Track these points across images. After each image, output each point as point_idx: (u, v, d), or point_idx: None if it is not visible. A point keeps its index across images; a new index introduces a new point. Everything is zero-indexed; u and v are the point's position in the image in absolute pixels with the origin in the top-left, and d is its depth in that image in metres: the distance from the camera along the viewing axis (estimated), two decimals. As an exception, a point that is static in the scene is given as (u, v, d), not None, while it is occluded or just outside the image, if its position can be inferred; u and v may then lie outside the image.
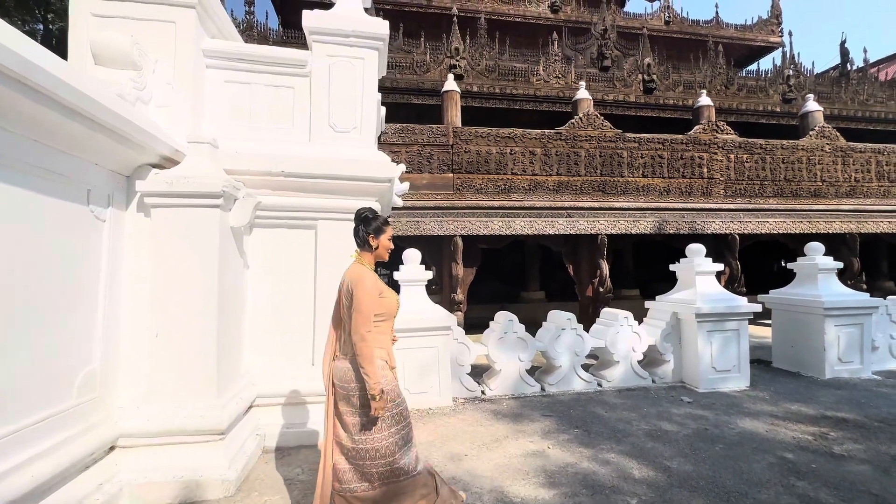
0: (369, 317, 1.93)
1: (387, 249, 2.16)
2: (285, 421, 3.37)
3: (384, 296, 2.06)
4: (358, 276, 2.00)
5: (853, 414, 3.81)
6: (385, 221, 2.16)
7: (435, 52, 8.52)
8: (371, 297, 1.95)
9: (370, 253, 2.13)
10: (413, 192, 6.27)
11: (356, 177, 3.52)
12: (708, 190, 7.18)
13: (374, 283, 2.02)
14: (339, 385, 2.02)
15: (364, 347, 1.89)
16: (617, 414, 3.88)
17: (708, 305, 4.58)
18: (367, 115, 3.75)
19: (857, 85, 10.56)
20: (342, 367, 2.03)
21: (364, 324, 1.91)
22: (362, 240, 2.10)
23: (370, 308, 1.94)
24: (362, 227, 2.10)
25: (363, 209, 2.14)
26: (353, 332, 1.92)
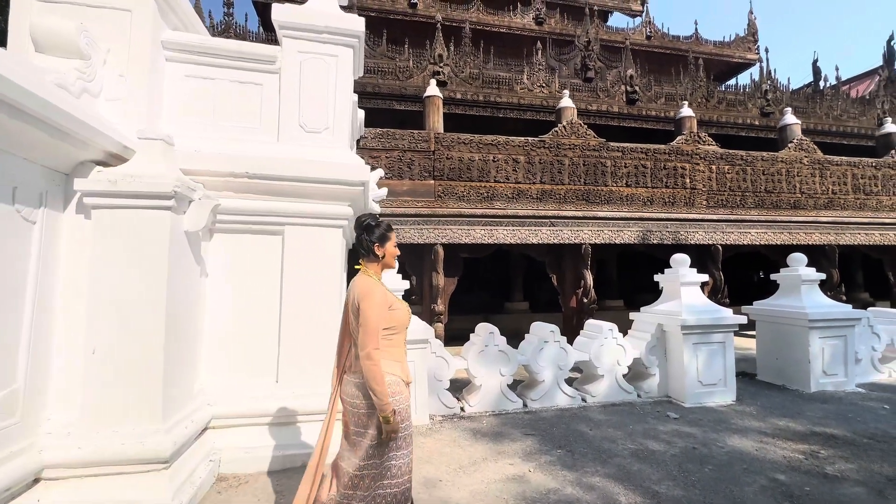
0: (376, 333, 1.81)
1: (394, 257, 2.05)
2: (245, 444, 3.08)
3: (394, 308, 1.92)
4: (365, 289, 1.87)
5: (841, 430, 3.70)
6: (389, 227, 2.03)
7: (418, 59, 8.41)
8: (379, 311, 1.83)
9: (376, 262, 2.00)
10: (393, 198, 6.07)
11: (327, 179, 3.30)
12: (691, 200, 7.16)
13: (383, 295, 1.89)
14: (347, 401, 1.90)
15: (371, 367, 1.76)
16: (602, 432, 3.70)
17: (693, 317, 4.47)
18: (340, 115, 3.55)
19: (831, 101, 10.83)
20: (353, 383, 1.90)
21: (371, 341, 1.79)
22: (367, 249, 1.98)
23: (377, 323, 1.82)
24: (365, 235, 1.97)
25: (364, 216, 2.02)
26: (360, 350, 1.80)
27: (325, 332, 3.35)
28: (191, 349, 2.97)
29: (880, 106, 11.06)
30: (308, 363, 3.29)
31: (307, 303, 3.33)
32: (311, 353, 3.31)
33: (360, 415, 1.84)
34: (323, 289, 3.37)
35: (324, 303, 3.37)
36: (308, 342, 3.30)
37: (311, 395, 3.23)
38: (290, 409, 3.18)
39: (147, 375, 2.47)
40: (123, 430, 2.40)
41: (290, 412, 3.18)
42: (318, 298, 3.35)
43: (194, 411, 2.86)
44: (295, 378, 3.26)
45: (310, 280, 3.35)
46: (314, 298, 3.34)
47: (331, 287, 3.41)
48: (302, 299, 3.32)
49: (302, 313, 3.31)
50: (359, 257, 2.04)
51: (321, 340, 3.34)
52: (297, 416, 3.21)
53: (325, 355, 3.35)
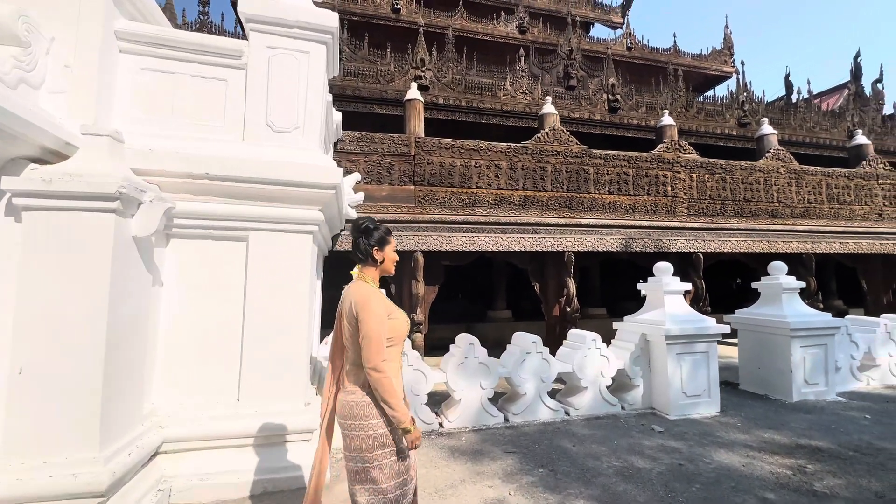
0: (380, 344, 1.68)
1: (393, 262, 1.95)
2: (201, 471, 2.81)
3: (393, 317, 1.80)
4: (364, 297, 1.74)
5: (826, 442, 3.64)
6: (388, 231, 1.93)
7: (401, 63, 8.27)
8: (380, 320, 1.71)
9: (374, 268, 1.89)
10: (371, 204, 5.86)
11: (295, 182, 3.09)
12: (672, 208, 7.16)
13: (382, 303, 1.77)
14: (343, 422, 1.75)
15: (381, 379, 1.65)
16: (585, 448, 3.54)
17: (677, 327, 4.38)
18: (311, 114, 3.35)
19: (804, 113, 11.11)
20: (348, 400, 1.75)
21: (377, 352, 1.66)
22: (365, 254, 1.85)
23: (381, 333, 1.70)
24: (363, 239, 1.85)
25: (362, 219, 1.90)
26: (366, 363, 1.66)
27: (293, 344, 3.13)
28: (139, 366, 2.70)
29: (850, 119, 11.41)
30: (274, 379, 3.06)
31: (274, 314, 3.10)
32: (278, 368, 3.08)
33: (358, 437, 1.69)
34: (291, 298, 3.15)
35: (292, 314, 3.15)
36: (274, 356, 3.07)
37: (277, 414, 2.99)
38: (253, 429, 2.93)
39: (82, 397, 2.20)
40: (53, 460, 2.12)
41: (254, 433, 2.94)
42: (285, 309, 3.13)
43: (142, 435, 2.59)
44: (259, 395, 3.02)
45: (276, 289, 3.12)
46: (281, 309, 3.12)
47: (299, 296, 3.18)
48: (268, 310, 3.09)
49: (268, 325, 3.08)
50: (355, 263, 1.90)
51: (289, 354, 3.11)
52: (261, 437, 2.96)
53: (293, 370, 3.12)
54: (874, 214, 8.45)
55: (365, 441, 1.67)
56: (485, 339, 5.24)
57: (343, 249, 5.53)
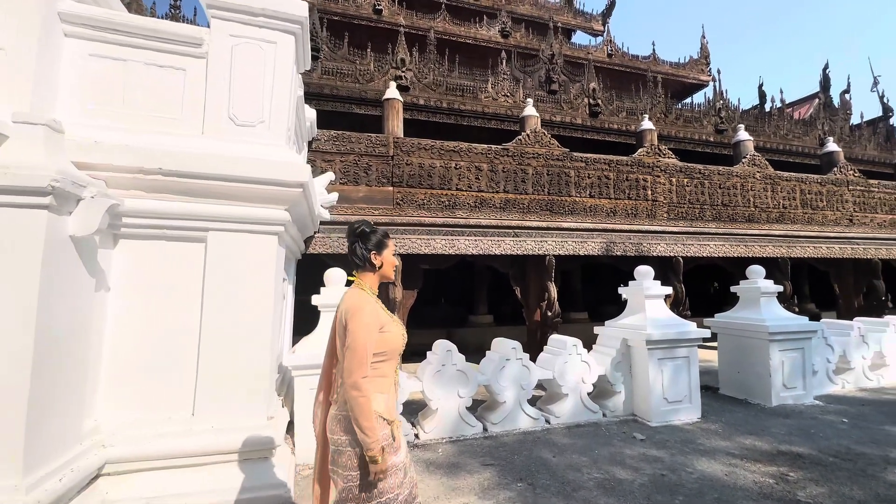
0: (365, 358, 1.56)
1: (392, 267, 1.84)
2: (149, 494, 2.56)
3: (386, 330, 1.67)
4: (355, 306, 1.63)
5: (806, 447, 3.59)
6: (386, 234, 1.83)
7: (381, 63, 8.11)
8: (369, 331, 1.58)
9: (372, 273, 1.78)
10: (347, 205, 5.66)
11: (259, 179, 2.89)
12: (652, 212, 7.17)
13: (374, 313, 1.64)
14: (333, 437, 1.65)
15: (358, 398, 1.52)
16: (566, 459, 3.41)
17: (659, 332, 4.31)
18: (278, 108, 3.15)
19: (778, 121, 11.39)
20: (332, 415, 1.67)
21: (359, 367, 1.54)
22: (362, 259, 1.75)
23: (366, 346, 1.57)
24: (360, 243, 1.76)
25: (358, 223, 1.80)
26: (345, 377, 1.54)
27: (255, 354, 2.91)
28: (79, 379, 2.45)
29: (821, 127, 11.75)
30: (234, 391, 2.84)
31: (234, 321, 2.88)
32: (238, 380, 2.85)
33: (333, 452, 1.61)
34: (253, 304, 2.94)
35: (254, 321, 2.93)
36: (234, 367, 2.85)
37: (236, 429, 2.77)
38: (209, 446, 2.70)
39: (3, 417, 1.95)
40: (-34, 489, 1.87)
41: (210, 450, 2.70)
42: (247, 316, 2.91)
43: (79, 456, 2.34)
44: (217, 409, 2.79)
45: (238, 294, 2.90)
46: (242, 316, 2.90)
47: (263, 302, 2.97)
48: (228, 317, 2.86)
49: (227, 333, 2.86)
50: (352, 268, 1.81)
51: (250, 364, 2.89)
52: (218, 454, 2.72)
53: (255, 381, 2.90)
54: (845, 220, 8.65)
55: (353, 459, 1.57)
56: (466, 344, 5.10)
57: (318, 252, 5.31)
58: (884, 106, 15.64)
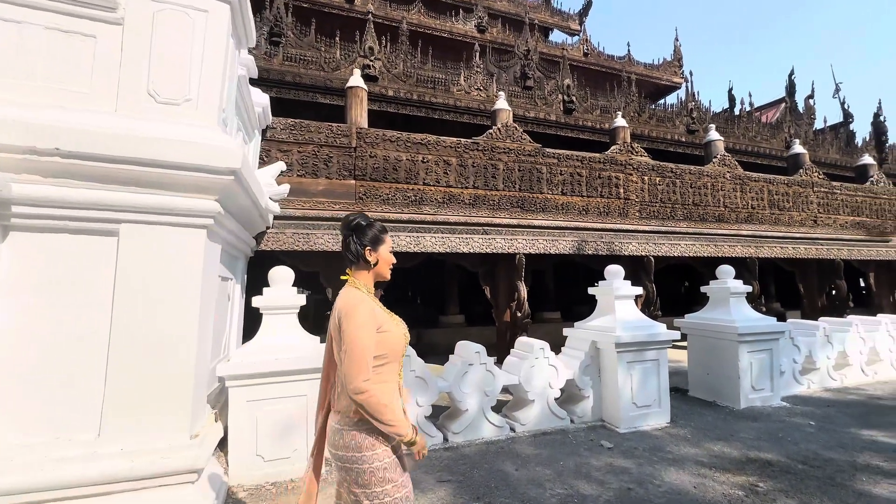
0: (365, 361, 1.44)
1: (389, 265, 1.70)
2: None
3: (385, 329, 1.54)
4: (349, 305, 1.50)
5: (775, 453, 3.48)
6: (383, 228, 1.69)
7: (348, 51, 7.73)
8: (366, 332, 1.47)
9: (367, 271, 1.64)
10: (305, 199, 5.29)
11: (181, 164, 2.53)
12: (624, 211, 7.06)
13: (371, 313, 1.51)
14: (330, 451, 1.56)
15: (367, 399, 1.42)
16: (529, 471, 3.17)
17: (628, 334, 4.14)
18: (208, 85, 2.79)
19: (747, 123, 11.58)
20: (333, 428, 1.55)
21: (359, 372, 1.43)
22: (356, 255, 1.62)
23: (365, 348, 1.46)
24: (354, 238, 1.62)
25: (354, 215, 1.66)
26: (347, 383, 1.43)
27: (176, 364, 2.55)
28: (-54, 398, 2.04)
29: (787, 130, 12.02)
30: (149, 407, 2.47)
31: (152, 326, 2.51)
32: (155, 394, 2.49)
33: (351, 470, 1.48)
34: (176, 307, 2.58)
35: (176, 326, 2.57)
36: (150, 379, 2.49)
37: (152, 451, 2.41)
38: (118, 472, 2.33)
39: None
40: None
41: (119, 476, 2.34)
42: (168, 320, 2.55)
43: (-59, 492, 1.94)
44: (128, 429, 2.43)
45: (156, 295, 2.54)
46: (162, 320, 2.54)
47: (187, 304, 2.61)
48: (144, 321, 2.50)
49: (143, 340, 2.49)
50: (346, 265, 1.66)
51: (171, 376, 2.53)
52: (129, 481, 2.36)
53: (177, 395, 2.54)
54: (810, 220, 8.80)
55: (361, 476, 1.46)
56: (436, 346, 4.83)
57: (272, 249, 4.93)
58: (844, 112, 16.21)
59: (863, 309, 10.90)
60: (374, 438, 1.48)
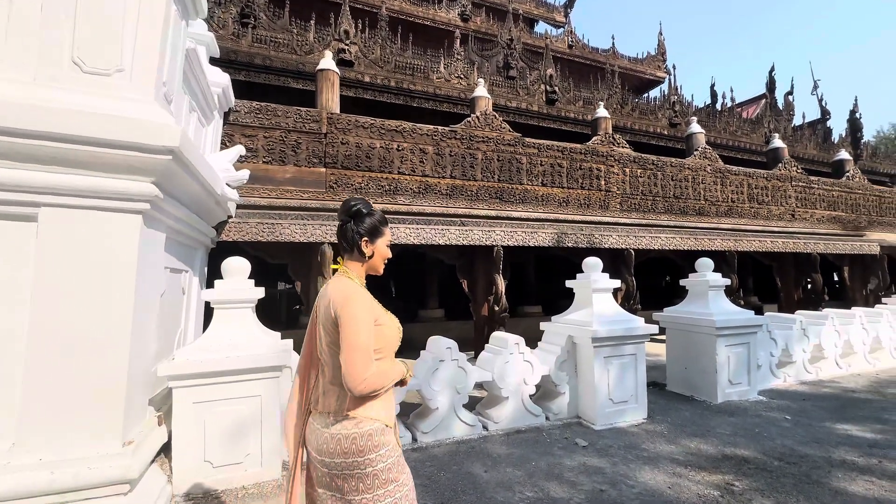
0: (369, 356, 1.35)
1: (384, 259, 1.58)
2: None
3: (381, 323, 1.46)
4: (346, 295, 1.40)
5: (751, 450, 3.39)
6: (383, 220, 1.57)
7: (323, 35, 7.40)
8: (367, 325, 1.38)
9: (360, 263, 1.53)
10: (272, 187, 5.02)
11: (109, 141, 2.26)
12: (605, 203, 6.95)
13: (368, 303, 1.43)
14: (318, 458, 1.41)
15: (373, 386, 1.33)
16: (499, 473, 3.02)
17: (605, 328, 4.01)
18: (144, 55, 2.51)
19: (728, 118, 11.62)
20: (321, 432, 1.40)
21: (365, 365, 1.32)
22: (351, 243, 1.50)
23: (369, 340, 1.36)
24: (352, 224, 1.51)
25: (355, 200, 1.55)
26: (351, 382, 1.31)
27: (106, 364, 2.30)
28: None
29: (767, 125, 12.11)
30: (74, 413, 2.22)
31: (77, 322, 2.26)
32: (82, 398, 2.24)
33: (334, 475, 1.36)
34: (106, 301, 2.32)
35: (107, 322, 2.32)
36: (77, 381, 2.24)
37: (77, 461, 2.17)
38: (35, 486, 2.09)
39: None
40: None
41: (38, 490, 2.09)
42: (96, 315, 2.29)
43: None
44: (48, 437, 2.18)
45: (83, 288, 2.28)
46: (90, 315, 2.28)
47: (120, 297, 2.36)
48: (68, 317, 2.24)
49: (67, 338, 2.23)
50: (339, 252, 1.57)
51: (100, 377, 2.28)
52: (49, 495, 2.12)
53: (106, 399, 2.29)
54: (788, 215, 8.85)
55: (363, 481, 1.34)
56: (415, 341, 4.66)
57: (235, 240, 4.65)
58: (822, 109, 16.47)
59: (837, 302, 11.11)
60: (379, 437, 1.37)
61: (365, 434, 1.35)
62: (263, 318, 3.50)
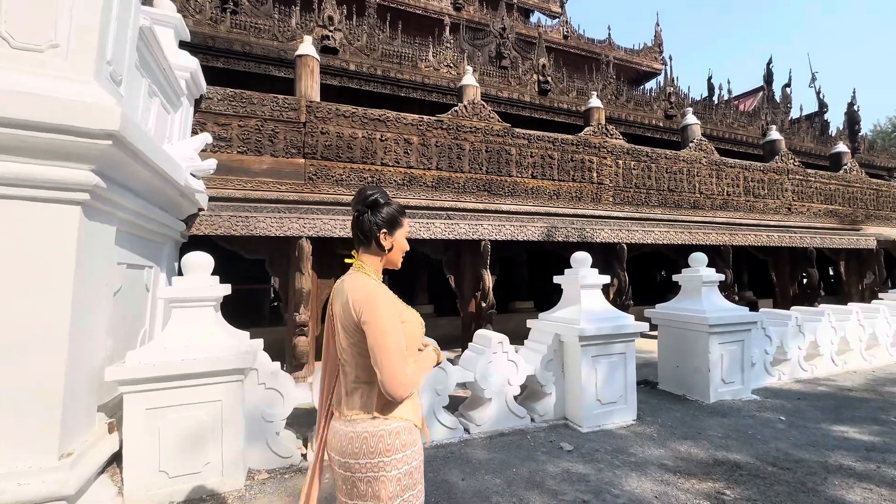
0: (403, 354, 1.26)
1: (402, 253, 1.48)
2: None
3: (405, 319, 1.36)
4: (370, 293, 1.30)
5: (744, 454, 3.24)
6: (402, 210, 1.47)
7: (306, 21, 7.13)
8: (396, 322, 1.29)
9: (378, 257, 1.42)
10: (248, 178, 4.79)
11: (36, 124, 2.04)
12: (598, 196, 6.76)
13: (392, 300, 1.34)
14: (340, 460, 1.30)
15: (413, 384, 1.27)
16: (477, 481, 2.84)
17: (593, 326, 3.83)
18: (83, 31, 2.28)
19: (724, 110, 11.42)
20: (354, 433, 1.29)
21: (401, 367, 1.24)
22: (368, 235, 1.39)
23: (400, 340, 1.27)
24: (370, 215, 1.39)
25: (372, 190, 1.42)
26: (390, 385, 1.22)
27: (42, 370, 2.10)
28: None
29: (764, 118, 11.92)
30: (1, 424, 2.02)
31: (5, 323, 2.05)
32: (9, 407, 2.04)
33: (356, 479, 1.27)
34: (38, 300, 2.11)
35: (39, 322, 2.11)
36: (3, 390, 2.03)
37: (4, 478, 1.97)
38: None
39: None
40: None
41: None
42: (26, 316, 2.09)
43: None
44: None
45: (12, 285, 2.07)
46: (18, 316, 2.07)
47: (56, 296, 2.15)
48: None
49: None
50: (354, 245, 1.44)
51: (33, 384, 2.08)
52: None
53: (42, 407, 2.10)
54: (784, 208, 8.69)
55: (385, 486, 1.26)
56: None
57: (207, 234, 4.43)
58: (820, 101, 16.29)
59: (833, 297, 11.00)
60: (407, 435, 1.30)
61: (392, 431, 1.29)
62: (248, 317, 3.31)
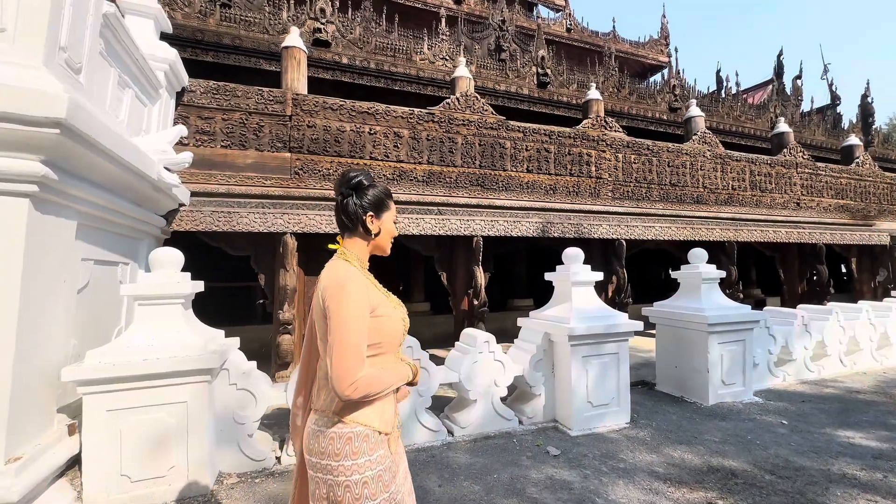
0: (358, 352, 1.13)
1: (391, 237, 1.39)
2: None
3: (380, 313, 1.23)
4: (336, 281, 1.19)
5: (741, 460, 3.06)
6: (388, 192, 1.37)
7: (298, 13, 7.00)
8: (359, 314, 1.16)
9: (365, 241, 1.33)
10: (232, 173, 4.68)
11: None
12: (596, 191, 6.56)
13: (363, 290, 1.20)
14: (308, 460, 1.22)
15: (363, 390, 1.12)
16: (454, 488, 2.71)
17: (584, 325, 3.66)
18: (30, 13, 2.17)
19: (732, 102, 11.10)
20: (309, 428, 1.24)
21: (354, 366, 1.11)
22: (353, 219, 1.30)
23: (359, 336, 1.14)
24: (354, 198, 1.30)
25: (355, 172, 1.33)
26: (335, 383, 1.11)
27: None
28: None
29: (773, 110, 11.58)
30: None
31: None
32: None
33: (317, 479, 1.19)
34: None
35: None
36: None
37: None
38: None
39: None
40: None
41: None
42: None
43: None
44: (-87, 454, 1.87)
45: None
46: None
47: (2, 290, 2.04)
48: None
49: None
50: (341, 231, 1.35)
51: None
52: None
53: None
54: (792, 203, 8.41)
55: (334, 490, 1.16)
56: None
57: (189, 230, 4.33)
58: (832, 94, 15.84)
59: (843, 295, 10.68)
60: (359, 443, 1.18)
61: (343, 437, 1.18)
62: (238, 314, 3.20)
